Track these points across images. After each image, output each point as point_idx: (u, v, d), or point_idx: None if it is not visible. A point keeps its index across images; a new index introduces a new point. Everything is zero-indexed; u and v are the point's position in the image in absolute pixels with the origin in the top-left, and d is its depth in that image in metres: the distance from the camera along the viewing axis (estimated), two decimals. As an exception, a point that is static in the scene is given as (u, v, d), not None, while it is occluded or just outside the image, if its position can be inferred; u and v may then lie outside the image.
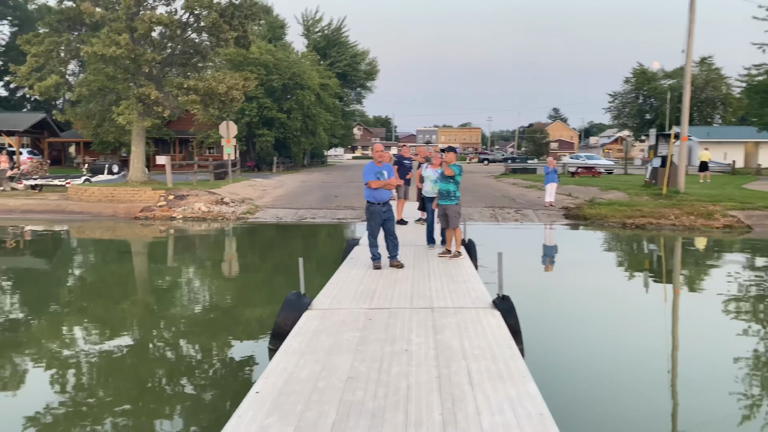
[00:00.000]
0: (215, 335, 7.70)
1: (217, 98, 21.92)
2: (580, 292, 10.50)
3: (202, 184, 25.89)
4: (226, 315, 8.81)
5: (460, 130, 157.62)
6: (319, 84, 49.31)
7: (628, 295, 10.44)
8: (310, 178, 39.46)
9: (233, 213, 20.25)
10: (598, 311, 9.18)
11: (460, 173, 9.58)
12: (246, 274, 12.43)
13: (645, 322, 8.44)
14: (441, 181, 9.70)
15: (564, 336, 7.65)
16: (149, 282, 11.73)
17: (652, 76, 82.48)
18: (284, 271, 12.31)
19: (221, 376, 6.24)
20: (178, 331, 8.01)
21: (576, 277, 11.85)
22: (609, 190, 25.35)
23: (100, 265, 13.73)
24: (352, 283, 7.80)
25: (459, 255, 9.69)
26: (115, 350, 7.03)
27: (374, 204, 8.72)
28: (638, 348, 7.17)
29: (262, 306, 9.31)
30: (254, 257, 14.62)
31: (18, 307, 9.53)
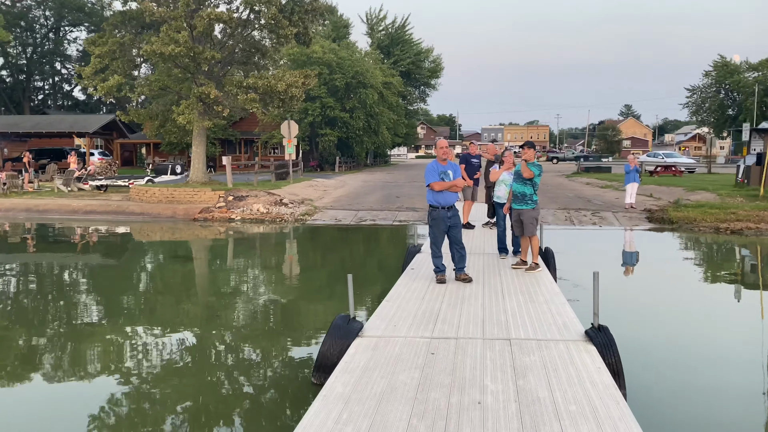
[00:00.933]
0: (255, 364, 6.77)
1: (276, 96, 21.30)
2: (687, 316, 8.93)
3: (263, 185, 25.43)
4: (269, 338, 7.86)
5: (527, 128, 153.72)
6: (382, 82, 48.49)
7: (749, 321, 8.82)
8: (372, 177, 38.64)
9: (292, 214, 19.55)
10: (712, 341, 7.68)
11: (540, 174, 8.31)
12: (296, 286, 11.37)
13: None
14: (516, 182, 8.46)
15: (672, 377, 6.24)
16: (187, 295, 11.02)
17: (735, 69, 77.34)
18: (338, 280, 11.35)
19: (252, 417, 5.27)
20: (209, 359, 7.13)
21: (677, 293, 10.26)
22: (695, 190, 23.17)
23: (144, 270, 13.20)
24: (412, 300, 6.70)
25: (536, 267, 8.41)
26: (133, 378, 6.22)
27: (438, 208, 7.60)
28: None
29: (311, 326, 8.34)
30: (307, 264, 13.60)
31: (80, 310, 8.97)
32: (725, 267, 13.23)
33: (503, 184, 9.62)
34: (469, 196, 13.44)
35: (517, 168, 8.60)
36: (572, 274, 10.58)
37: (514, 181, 8.53)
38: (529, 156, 8.26)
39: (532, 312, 6.13)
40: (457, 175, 7.64)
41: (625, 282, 11.19)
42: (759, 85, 73.38)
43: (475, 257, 9.73)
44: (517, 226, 8.56)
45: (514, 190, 8.50)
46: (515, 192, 8.45)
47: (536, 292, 7.11)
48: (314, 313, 9.02)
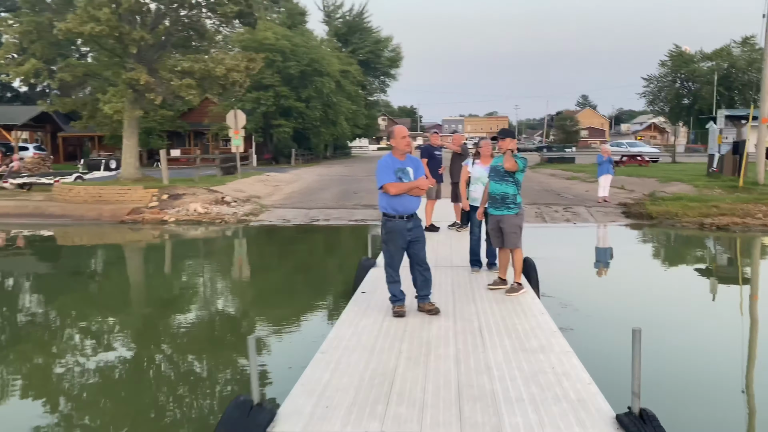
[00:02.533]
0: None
1: (215, 82, 19.07)
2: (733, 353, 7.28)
3: (206, 181, 23.15)
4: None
5: (486, 119, 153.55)
6: (339, 71, 46.31)
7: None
8: (330, 171, 36.59)
9: (234, 215, 17.42)
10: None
11: (524, 169, 6.51)
12: (200, 328, 8.02)
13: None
14: (493, 179, 6.64)
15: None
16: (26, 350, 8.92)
17: (690, 59, 77.80)
18: (265, 311, 9.36)
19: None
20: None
21: (708, 321, 8.65)
22: (669, 181, 21.90)
23: (22, 288, 10.98)
24: (358, 351, 4.81)
25: (519, 288, 6.62)
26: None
27: (395, 218, 5.72)
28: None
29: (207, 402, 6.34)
30: (228, 287, 10.63)
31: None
32: (729, 270, 11.76)
33: (480, 182, 7.79)
34: (432, 194, 11.64)
35: (494, 162, 6.78)
36: (557, 287, 8.87)
37: (491, 178, 6.70)
38: (512, 145, 6.46)
39: (526, 370, 4.30)
40: (419, 174, 5.78)
41: (631, 303, 8.99)
42: (714, 74, 73.88)
43: (441, 272, 7.90)
44: (495, 236, 6.75)
45: (490, 191, 6.68)
46: (492, 193, 6.63)
47: (526, 330, 5.30)
48: (213, 382, 6.86)
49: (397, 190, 5.58)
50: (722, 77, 72.93)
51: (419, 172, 5.78)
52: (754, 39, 74.98)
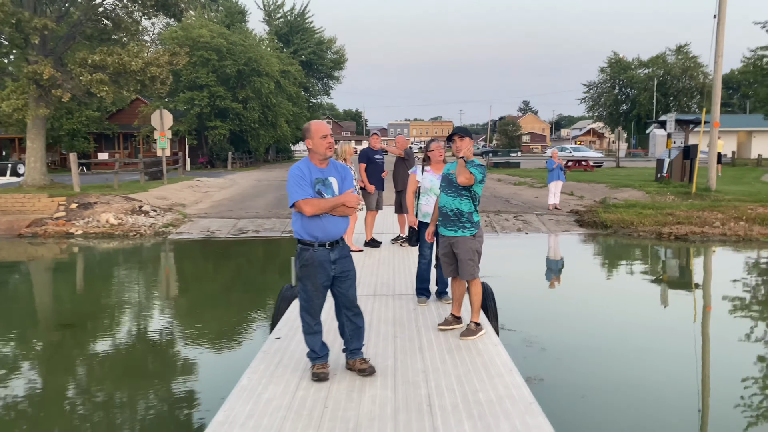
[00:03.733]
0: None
1: (132, 77, 17.02)
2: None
3: (127, 187, 20.99)
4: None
5: (431, 124, 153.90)
6: (279, 71, 44.38)
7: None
8: (268, 176, 34.67)
9: (152, 226, 15.47)
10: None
11: (483, 180, 5.11)
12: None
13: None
14: (445, 191, 5.21)
15: None
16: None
17: (627, 66, 79.69)
18: (138, 371, 7.62)
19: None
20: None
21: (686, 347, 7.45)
22: (619, 187, 21.22)
23: None
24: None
25: (477, 330, 5.20)
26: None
27: (312, 246, 4.18)
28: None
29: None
30: (110, 327, 8.24)
31: None
32: (730, 299, 10.74)
33: (432, 192, 6.33)
34: (373, 205, 10.18)
35: (447, 169, 5.35)
36: (517, 316, 7.55)
37: (442, 190, 5.27)
38: (466, 151, 5.05)
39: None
40: (346, 186, 4.27)
41: (603, 331, 7.65)
42: (650, 81, 75.80)
43: (381, 302, 6.43)
44: (447, 263, 5.32)
45: (441, 205, 5.25)
46: (444, 208, 5.20)
47: (491, 402, 3.87)
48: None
49: (316, 208, 4.06)
50: (658, 84, 74.90)
51: (347, 184, 4.28)
52: (687, 47, 77.47)
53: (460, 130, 5.16)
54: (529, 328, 7.09)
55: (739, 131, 51.73)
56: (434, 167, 6.38)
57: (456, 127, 5.20)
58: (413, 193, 6.58)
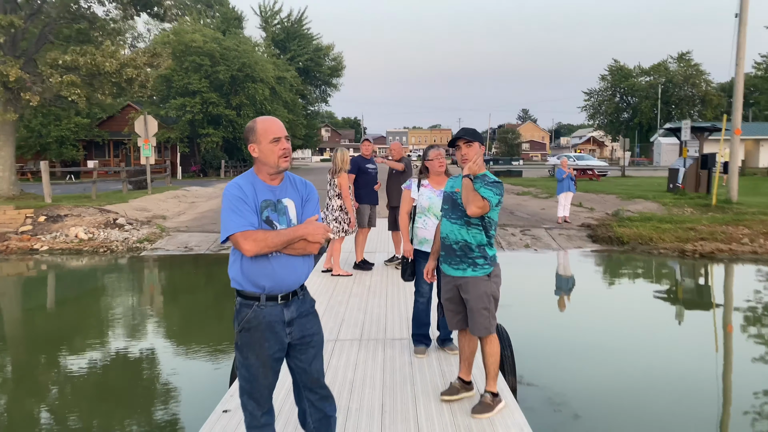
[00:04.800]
0: None
1: (107, 79, 15.71)
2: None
3: (108, 197, 19.71)
4: None
5: (430, 132, 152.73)
6: (274, 77, 43.16)
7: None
8: (262, 185, 33.28)
9: (125, 241, 14.13)
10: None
11: (500, 203, 3.75)
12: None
13: None
14: (448, 216, 3.87)
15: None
16: None
17: (629, 73, 78.85)
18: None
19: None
20: None
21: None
22: (632, 198, 19.91)
23: None
24: None
25: (495, 404, 3.85)
26: None
27: (257, 301, 2.83)
28: None
29: None
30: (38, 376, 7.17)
31: None
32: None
33: (431, 213, 4.97)
34: (365, 221, 8.85)
35: (450, 186, 3.99)
36: (537, 363, 6.21)
37: (444, 213, 3.93)
38: (476, 162, 3.70)
39: None
40: (309, 211, 2.93)
41: (642, 384, 6.03)
42: (651, 89, 74.89)
43: (367, 351, 5.10)
44: (452, 313, 3.97)
45: (444, 235, 3.90)
46: (447, 239, 3.85)
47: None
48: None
49: (261, 245, 2.71)
50: (662, 92, 74.05)
51: (310, 208, 2.94)
52: (689, 54, 76.61)
53: (467, 132, 3.81)
54: (553, 381, 5.73)
55: (747, 139, 50.48)
56: (434, 181, 5.03)
57: (461, 129, 3.86)
58: (408, 213, 5.17)
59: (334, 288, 7.59)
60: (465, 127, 3.84)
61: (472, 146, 3.74)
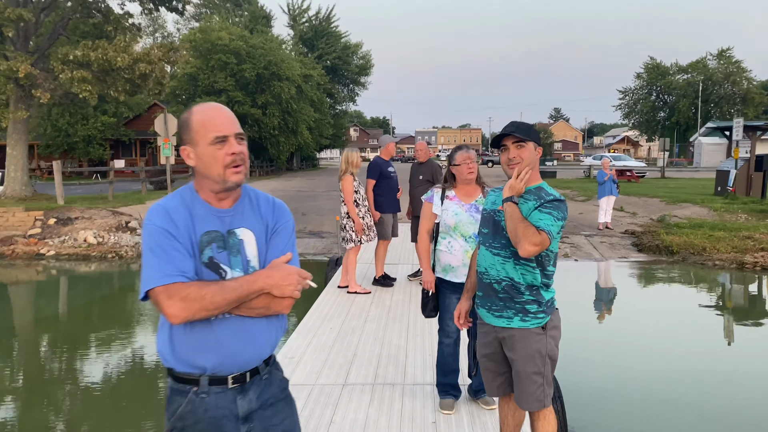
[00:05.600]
0: None
1: (120, 75, 15.01)
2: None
3: (125, 198, 19.10)
4: None
5: (460, 131, 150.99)
6: (301, 75, 42.40)
7: None
8: (287, 185, 32.59)
9: (135, 246, 13.39)
10: None
11: (562, 227, 2.70)
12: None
13: None
14: (488, 242, 2.82)
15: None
16: None
17: (665, 71, 76.36)
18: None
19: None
20: None
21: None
22: (677, 202, 18.49)
23: None
24: None
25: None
26: None
27: (193, 389, 1.84)
28: None
29: None
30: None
31: None
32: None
33: (457, 233, 3.89)
34: (387, 232, 7.86)
35: (489, 202, 2.95)
36: (589, 407, 5.11)
37: (483, 239, 2.89)
38: (521, 178, 2.65)
39: None
40: (278, 247, 1.93)
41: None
42: (689, 87, 72.42)
43: (380, 404, 4.07)
44: (492, 374, 2.92)
45: (482, 269, 2.84)
46: (486, 274, 2.80)
47: None
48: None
49: (196, 308, 1.72)
50: (698, 90, 71.68)
51: (279, 244, 1.93)
52: (730, 51, 73.74)
53: (518, 128, 2.75)
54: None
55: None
56: (461, 192, 3.96)
57: (510, 123, 2.80)
58: (428, 233, 4.08)
59: (349, 309, 6.59)
60: (515, 121, 2.79)
61: (524, 147, 2.69)
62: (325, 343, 5.45)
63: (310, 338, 5.59)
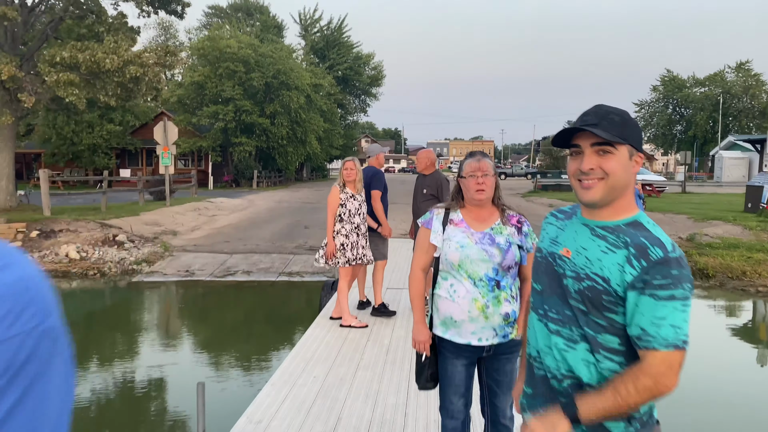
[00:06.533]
0: None
1: (110, 78, 14.07)
2: None
3: (120, 209, 18.16)
4: None
5: (472, 143, 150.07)
6: (310, 84, 41.55)
7: None
8: (293, 196, 31.61)
9: (120, 262, 12.36)
10: None
11: (691, 292, 1.54)
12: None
13: None
14: (542, 313, 1.70)
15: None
16: None
17: (682, 84, 75.07)
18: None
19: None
20: None
21: None
22: (706, 220, 17.22)
23: None
24: None
25: None
26: None
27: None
28: None
29: None
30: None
31: None
32: None
33: (463, 273, 2.70)
34: (385, 251, 6.80)
35: (551, 239, 1.77)
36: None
37: (536, 305, 1.76)
38: (616, 190, 1.55)
39: None
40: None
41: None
42: (707, 100, 71.10)
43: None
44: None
45: (533, 350, 1.74)
46: (539, 363, 1.69)
47: None
48: None
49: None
50: (716, 103, 70.38)
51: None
52: (749, 64, 72.31)
53: (605, 119, 1.58)
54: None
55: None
56: (471, 215, 2.85)
57: (594, 109, 1.62)
58: (424, 270, 2.96)
59: (339, 349, 5.47)
60: (602, 106, 1.65)
61: (611, 155, 1.57)
62: (304, 399, 4.34)
63: (287, 391, 4.49)
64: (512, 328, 2.70)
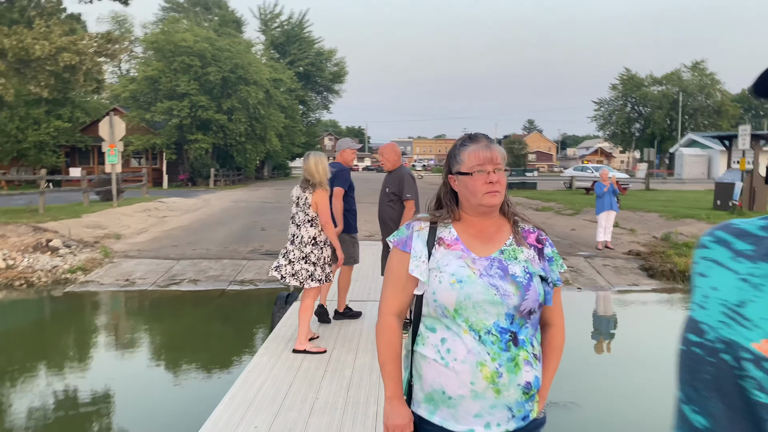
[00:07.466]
0: None
1: (42, 67, 12.73)
2: None
3: (61, 211, 16.77)
4: None
5: (435, 142, 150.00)
6: (270, 79, 40.20)
7: None
8: (252, 195, 30.31)
9: (52, 270, 11.08)
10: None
11: None
12: None
13: None
14: None
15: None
16: None
17: (640, 82, 76.25)
18: None
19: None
20: None
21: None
22: (678, 218, 16.75)
23: None
24: None
25: None
26: None
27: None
28: None
29: None
30: None
31: None
32: None
33: (461, 321, 1.74)
34: (355, 255, 5.87)
35: (736, 299, 0.65)
36: None
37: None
38: None
39: None
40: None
41: None
42: (664, 99, 72.33)
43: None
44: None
45: None
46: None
47: None
48: None
49: None
50: (673, 102, 71.72)
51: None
52: (704, 63, 73.84)
53: None
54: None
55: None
56: (472, 230, 1.89)
57: None
58: (398, 316, 1.93)
59: (290, 385, 4.48)
60: None
61: None
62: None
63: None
64: (533, 403, 1.78)
